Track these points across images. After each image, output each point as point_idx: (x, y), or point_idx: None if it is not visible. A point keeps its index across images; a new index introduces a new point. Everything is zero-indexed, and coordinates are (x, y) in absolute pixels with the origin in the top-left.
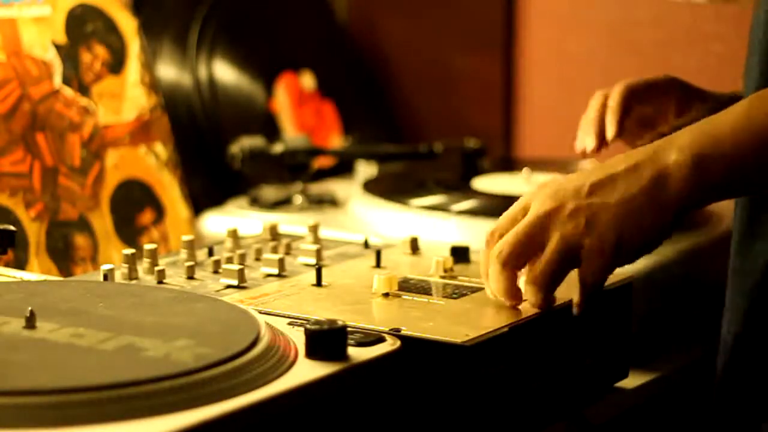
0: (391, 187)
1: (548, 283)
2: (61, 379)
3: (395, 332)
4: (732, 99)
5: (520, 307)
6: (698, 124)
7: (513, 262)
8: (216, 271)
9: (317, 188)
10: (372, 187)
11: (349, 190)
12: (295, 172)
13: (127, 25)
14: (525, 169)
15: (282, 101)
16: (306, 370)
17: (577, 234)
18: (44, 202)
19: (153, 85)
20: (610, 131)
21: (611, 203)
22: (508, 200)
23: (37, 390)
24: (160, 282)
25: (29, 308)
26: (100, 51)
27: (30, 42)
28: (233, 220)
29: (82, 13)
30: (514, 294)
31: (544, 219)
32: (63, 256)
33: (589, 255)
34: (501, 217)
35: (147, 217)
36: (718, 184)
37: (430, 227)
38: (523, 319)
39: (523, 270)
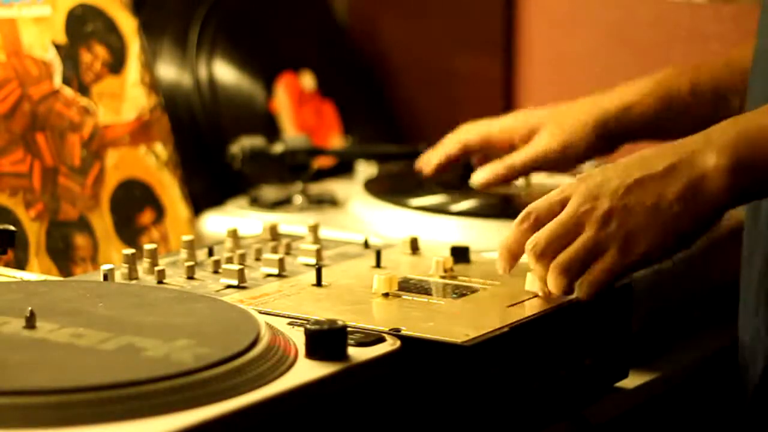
0: (391, 187)
1: (569, 275)
2: (61, 379)
3: (395, 332)
4: (602, 118)
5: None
6: (738, 122)
7: (546, 257)
8: (216, 271)
9: (317, 188)
10: (372, 187)
11: (349, 190)
12: (295, 172)
13: (127, 25)
14: None
15: (282, 101)
16: (306, 370)
17: (608, 233)
18: (44, 202)
19: (153, 85)
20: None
21: (646, 206)
22: (507, 200)
23: (37, 390)
24: (160, 282)
25: (29, 308)
26: (100, 51)
27: (30, 42)
28: (233, 220)
29: (82, 13)
30: (544, 281)
31: (579, 218)
32: (63, 256)
33: (616, 253)
34: (541, 200)
35: (147, 217)
36: (757, 188)
37: (430, 227)
38: (523, 319)
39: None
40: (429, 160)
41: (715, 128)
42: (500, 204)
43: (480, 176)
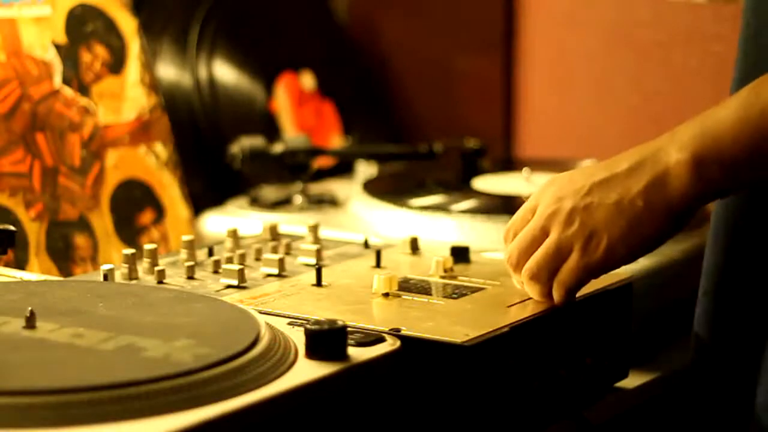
0: (391, 187)
1: (539, 280)
2: (61, 379)
3: (395, 332)
4: None
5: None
6: (698, 118)
7: (522, 263)
8: (216, 271)
9: (317, 188)
10: (372, 187)
11: (349, 190)
12: (295, 172)
13: (127, 25)
14: (525, 169)
15: (282, 101)
16: (306, 370)
17: (570, 233)
18: (44, 202)
19: (153, 85)
20: None
21: (608, 203)
22: (507, 200)
23: (37, 390)
24: (160, 282)
25: (29, 308)
26: (100, 51)
27: (30, 42)
28: (233, 220)
29: (82, 13)
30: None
31: (545, 221)
32: (63, 256)
33: (579, 252)
34: (514, 216)
35: (147, 217)
36: (719, 181)
37: (430, 227)
38: (523, 319)
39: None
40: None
41: (681, 126)
42: (500, 204)
43: None
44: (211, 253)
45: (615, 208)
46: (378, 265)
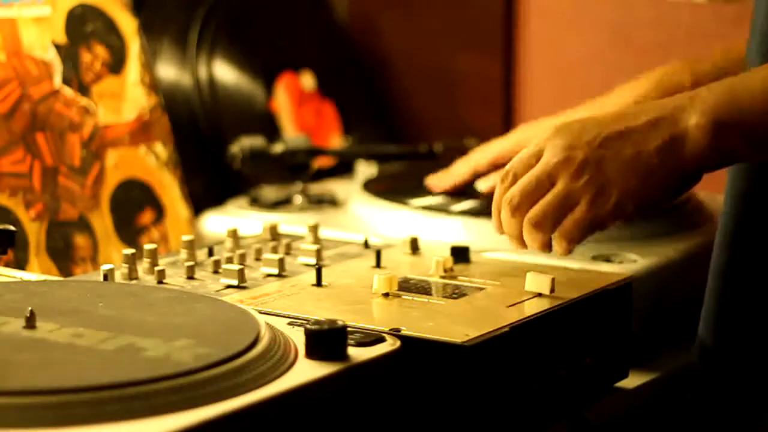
0: (391, 187)
1: (542, 227)
2: (61, 379)
3: (395, 332)
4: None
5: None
6: (725, 85)
7: (521, 208)
8: (216, 271)
9: (317, 188)
10: (372, 187)
11: (349, 190)
12: (295, 172)
13: (127, 25)
14: None
15: (282, 101)
16: (306, 370)
17: (579, 184)
18: (44, 202)
19: (153, 85)
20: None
21: (622, 157)
22: None
23: (37, 390)
24: (160, 282)
25: (29, 308)
26: (100, 51)
27: (30, 42)
28: (233, 220)
29: (82, 13)
30: (521, 239)
31: (554, 169)
32: (63, 256)
33: (587, 204)
34: (516, 158)
35: (147, 217)
36: (735, 149)
37: (430, 227)
38: (523, 319)
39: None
40: (440, 182)
41: (702, 88)
42: None
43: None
44: (211, 253)
45: (629, 163)
46: (378, 265)
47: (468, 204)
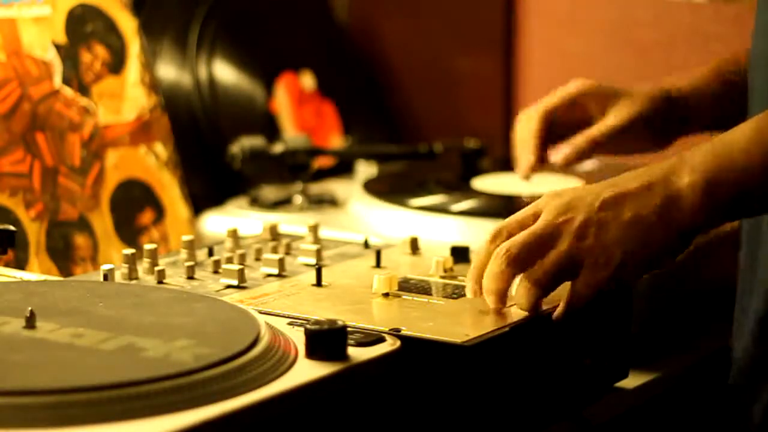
0: (391, 187)
1: (542, 288)
2: (61, 379)
3: (395, 332)
4: (666, 95)
5: (503, 311)
6: (710, 143)
7: (517, 261)
8: (216, 271)
9: (317, 188)
10: (372, 187)
11: (349, 190)
12: (295, 172)
13: (127, 25)
14: None
15: (282, 101)
16: (306, 370)
17: (584, 247)
18: (44, 202)
19: (153, 85)
20: (532, 159)
21: (622, 220)
22: (507, 200)
23: (37, 390)
24: (160, 282)
25: (29, 308)
26: (100, 51)
27: (30, 42)
28: (233, 220)
29: (82, 13)
30: (504, 296)
31: (555, 228)
32: (63, 256)
33: (590, 268)
34: (509, 218)
35: (147, 217)
36: (729, 205)
37: (430, 227)
38: (524, 319)
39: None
40: (526, 164)
41: (690, 150)
42: (500, 204)
43: (562, 153)
44: (211, 253)
45: (629, 225)
46: (378, 265)
47: (468, 204)
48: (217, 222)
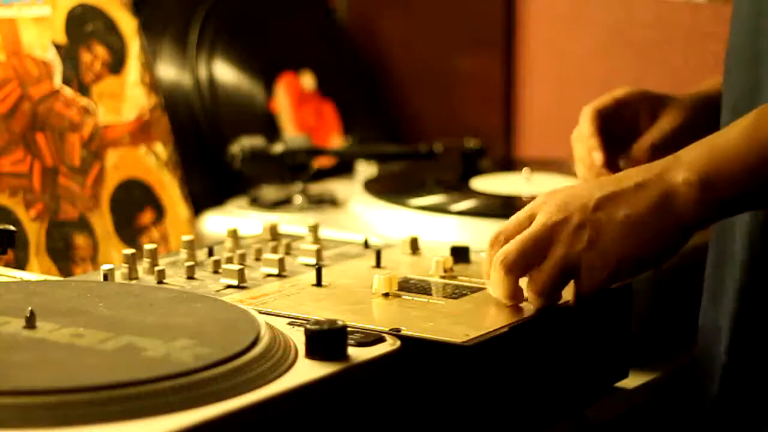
0: (391, 187)
1: (549, 293)
2: (61, 379)
3: (395, 332)
4: (707, 99)
5: (522, 305)
6: (705, 141)
7: (515, 268)
8: (216, 271)
9: (317, 188)
10: (372, 187)
11: (349, 190)
12: (295, 172)
13: (127, 25)
14: (525, 169)
15: (282, 101)
16: (306, 370)
17: (580, 248)
18: (44, 202)
19: (153, 85)
20: (598, 159)
21: (617, 220)
22: (507, 200)
23: (37, 390)
24: (160, 282)
25: (29, 308)
26: (100, 51)
27: (30, 42)
28: (233, 220)
29: (82, 13)
30: (516, 296)
31: (550, 230)
32: (63, 256)
33: (589, 269)
34: (507, 221)
35: (147, 217)
36: (725, 201)
37: (430, 227)
38: (523, 319)
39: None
40: (599, 160)
41: (683, 149)
42: (500, 204)
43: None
44: (211, 253)
45: (624, 224)
46: (378, 265)
47: (468, 204)
48: (217, 222)
